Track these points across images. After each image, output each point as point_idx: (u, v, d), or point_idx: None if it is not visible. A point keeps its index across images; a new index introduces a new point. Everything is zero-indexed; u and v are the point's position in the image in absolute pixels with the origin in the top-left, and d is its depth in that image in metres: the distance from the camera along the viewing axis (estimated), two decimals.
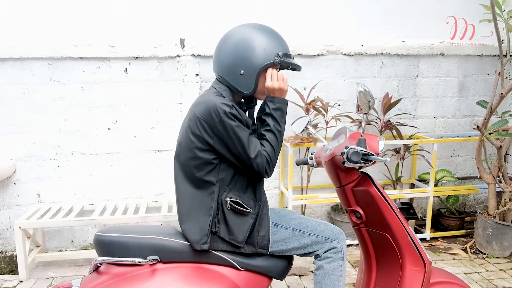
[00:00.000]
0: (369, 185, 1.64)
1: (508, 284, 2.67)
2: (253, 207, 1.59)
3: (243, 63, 1.55)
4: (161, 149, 3.16)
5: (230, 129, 1.50)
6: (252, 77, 1.56)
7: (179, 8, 3.06)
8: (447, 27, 3.44)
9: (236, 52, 1.55)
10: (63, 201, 3.09)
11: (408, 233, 1.63)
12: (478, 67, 3.56)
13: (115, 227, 1.65)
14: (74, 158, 3.06)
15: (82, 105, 3.01)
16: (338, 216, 3.27)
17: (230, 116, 1.50)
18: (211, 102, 1.52)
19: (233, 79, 1.57)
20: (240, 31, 1.59)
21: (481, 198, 3.78)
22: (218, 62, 1.61)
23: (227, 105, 1.51)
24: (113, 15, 2.98)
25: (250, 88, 1.58)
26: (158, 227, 1.69)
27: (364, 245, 1.74)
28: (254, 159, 1.52)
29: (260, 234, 1.60)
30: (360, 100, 1.54)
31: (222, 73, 1.59)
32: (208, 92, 1.62)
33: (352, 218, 1.72)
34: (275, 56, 1.56)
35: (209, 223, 1.56)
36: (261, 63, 1.55)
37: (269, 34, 1.59)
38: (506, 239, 3.01)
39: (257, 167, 1.53)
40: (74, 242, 3.17)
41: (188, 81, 3.09)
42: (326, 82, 3.31)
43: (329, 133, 3.28)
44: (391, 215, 1.62)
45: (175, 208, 2.94)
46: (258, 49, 1.54)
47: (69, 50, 2.91)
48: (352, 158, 1.51)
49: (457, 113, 3.62)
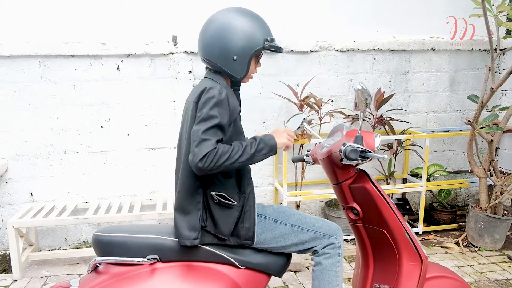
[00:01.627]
0: (366, 182, 1.64)
1: (500, 277, 2.71)
2: (237, 200, 1.59)
3: (236, 48, 1.56)
4: (155, 146, 3.15)
5: (207, 103, 1.49)
6: (244, 62, 1.58)
7: (171, 4, 3.05)
8: (438, 22, 3.47)
9: (228, 37, 1.56)
10: (56, 199, 3.07)
11: (404, 228, 1.64)
12: (468, 62, 3.60)
13: (113, 226, 1.64)
14: (67, 157, 3.04)
15: (74, 103, 2.99)
16: (332, 211, 3.29)
17: (214, 95, 1.50)
18: (203, 86, 1.54)
19: (225, 64, 1.57)
20: (227, 16, 1.59)
21: (473, 191, 3.83)
22: (206, 46, 1.60)
23: (218, 88, 1.52)
24: (105, 12, 2.96)
25: (243, 72, 1.60)
26: (156, 226, 1.66)
27: (361, 241, 1.74)
28: (200, 142, 1.44)
29: (245, 226, 1.60)
30: (358, 97, 1.54)
31: (212, 58, 1.59)
32: (202, 82, 1.64)
33: (349, 215, 1.72)
34: (264, 41, 1.60)
35: (199, 218, 1.56)
36: (252, 48, 1.58)
37: (256, 19, 1.62)
38: (497, 232, 3.06)
39: (194, 152, 1.44)
40: (68, 240, 3.16)
41: (181, 78, 3.08)
42: (319, 78, 3.32)
43: (323, 129, 3.29)
44: (388, 211, 1.63)
45: (169, 206, 2.94)
46: (249, 35, 1.57)
47: (60, 48, 2.88)
48: (350, 155, 1.51)
49: (448, 107, 3.65)
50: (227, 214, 1.58)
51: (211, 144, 1.44)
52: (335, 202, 3.39)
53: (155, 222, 3.15)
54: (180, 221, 1.57)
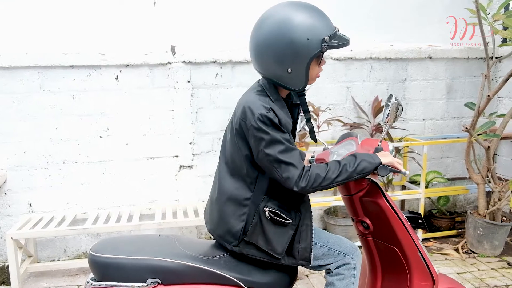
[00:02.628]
0: (379, 197, 1.55)
1: (499, 283, 2.71)
2: (293, 218, 1.50)
3: (288, 61, 1.39)
4: (154, 156, 3.15)
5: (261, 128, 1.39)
6: (301, 72, 1.41)
7: (170, 15, 3.07)
8: (434, 31, 3.50)
9: (277, 50, 1.38)
10: (55, 210, 3.07)
11: (418, 248, 1.57)
12: (465, 70, 3.63)
13: (110, 243, 1.55)
14: (65, 167, 3.04)
15: (73, 113, 3.00)
16: (332, 219, 3.29)
17: (265, 120, 1.39)
18: (249, 101, 1.44)
19: (281, 79, 1.43)
20: (276, 18, 1.40)
21: (471, 198, 3.84)
22: (255, 59, 1.47)
23: (264, 107, 1.40)
24: (103, 22, 2.98)
25: (302, 84, 1.44)
26: (157, 245, 1.58)
27: (370, 255, 1.67)
28: (287, 165, 1.39)
29: (301, 246, 1.51)
30: (392, 111, 1.45)
31: (265, 73, 1.47)
32: (252, 87, 1.54)
33: (358, 227, 1.65)
34: (322, 42, 1.39)
35: (240, 229, 1.49)
36: (307, 56, 1.38)
37: (309, 17, 1.40)
38: (496, 238, 3.06)
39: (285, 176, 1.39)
40: (67, 251, 3.15)
41: (179, 88, 3.10)
42: (317, 86, 3.34)
43: (321, 137, 3.29)
44: (402, 229, 1.55)
45: (168, 215, 2.94)
46: (302, 42, 1.36)
47: (59, 59, 2.89)
48: (380, 172, 1.42)
49: (445, 115, 3.67)
50: (281, 231, 1.49)
51: (295, 168, 1.39)
52: (334, 210, 3.40)
53: (154, 231, 3.15)
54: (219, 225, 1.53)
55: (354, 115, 3.45)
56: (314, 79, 1.50)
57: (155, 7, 3.05)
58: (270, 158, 1.39)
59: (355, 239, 3.27)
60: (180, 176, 3.20)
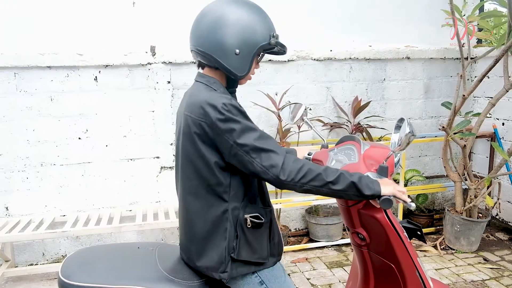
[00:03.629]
0: (379, 211, 1.43)
1: (476, 278, 2.78)
2: (265, 215, 1.41)
3: (239, 41, 1.34)
4: (134, 157, 3.13)
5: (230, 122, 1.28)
6: (247, 57, 1.36)
7: (149, 15, 3.05)
8: (412, 31, 3.57)
9: (230, 28, 1.34)
10: (33, 213, 3.01)
11: (416, 267, 1.47)
12: (441, 70, 3.71)
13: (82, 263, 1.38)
14: (43, 169, 2.99)
15: (51, 114, 2.95)
16: (313, 218, 3.32)
17: (230, 109, 1.29)
18: (203, 99, 1.31)
19: (226, 58, 1.35)
20: (228, 4, 1.38)
21: (449, 195, 3.92)
22: (201, 37, 1.37)
23: (225, 97, 1.31)
24: (81, 23, 2.94)
25: (245, 69, 1.38)
26: (135, 265, 1.41)
27: (364, 266, 1.58)
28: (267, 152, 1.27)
29: (275, 241, 1.45)
30: (405, 140, 1.31)
31: (209, 51, 1.35)
32: (195, 89, 1.41)
33: (354, 238, 1.54)
34: (270, 36, 1.39)
35: (225, 247, 1.35)
36: (258, 43, 1.37)
37: (261, 13, 1.41)
38: (473, 235, 3.14)
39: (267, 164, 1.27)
40: (46, 255, 3.09)
41: (159, 89, 3.08)
42: (297, 87, 3.36)
43: (301, 137, 3.33)
44: (400, 247, 1.44)
45: (149, 217, 2.92)
46: (255, 27, 1.36)
47: (36, 59, 2.84)
48: (383, 205, 1.27)
49: (423, 114, 3.75)
50: (260, 234, 1.40)
51: (278, 155, 1.27)
52: (315, 209, 3.43)
53: (135, 233, 3.13)
54: (205, 253, 1.37)
55: (334, 115, 3.49)
56: (248, 78, 1.45)
57: (134, 7, 3.02)
58: (246, 149, 1.27)
59: (336, 238, 3.31)
60: (161, 177, 3.19)
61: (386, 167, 1.33)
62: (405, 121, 1.31)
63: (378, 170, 1.34)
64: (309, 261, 3.06)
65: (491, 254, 3.13)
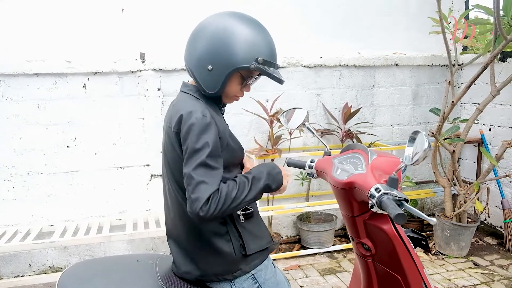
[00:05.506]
0: (386, 222, 1.39)
1: (467, 283, 2.80)
2: (250, 205, 1.41)
3: (214, 57, 1.29)
4: (124, 165, 3.08)
5: (190, 133, 1.25)
6: (220, 76, 1.30)
7: (139, 22, 3.03)
8: (400, 39, 3.61)
9: (210, 43, 1.30)
10: (19, 223, 2.94)
11: (422, 278, 1.44)
12: (429, 76, 3.75)
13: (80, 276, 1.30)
14: (30, 178, 2.92)
15: (38, 122, 2.89)
16: (305, 225, 3.31)
17: (195, 121, 1.26)
18: (180, 110, 1.30)
19: (199, 73, 1.33)
20: (221, 19, 1.33)
21: (438, 201, 3.96)
22: (188, 50, 1.37)
23: (200, 110, 1.28)
24: (70, 29, 2.91)
25: (215, 88, 1.32)
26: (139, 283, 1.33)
27: (367, 276, 1.54)
28: (195, 187, 1.19)
29: (265, 226, 1.49)
30: (422, 155, 1.24)
31: (190, 65, 1.36)
32: (177, 100, 1.40)
33: (358, 248, 1.50)
34: (254, 60, 1.29)
35: (233, 249, 1.35)
36: (234, 64, 1.29)
37: (255, 32, 1.32)
38: (463, 240, 3.16)
39: (191, 200, 1.19)
40: (32, 266, 3.02)
41: (149, 96, 3.05)
42: (288, 93, 3.37)
43: (293, 144, 3.33)
44: (407, 258, 1.41)
45: (140, 226, 2.87)
46: (235, 47, 1.28)
47: (22, 66, 2.79)
48: (397, 220, 1.15)
49: (412, 120, 3.78)
50: (257, 222, 1.44)
51: (209, 186, 1.19)
52: (307, 216, 3.42)
53: (126, 243, 3.09)
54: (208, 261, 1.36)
55: (324, 121, 3.50)
56: (231, 98, 1.41)
57: (123, 14, 3.00)
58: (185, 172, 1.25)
59: (328, 245, 3.31)
60: (152, 185, 3.15)
61: (396, 179, 1.26)
62: (422, 135, 1.24)
63: (389, 182, 1.27)
64: (302, 269, 3.04)
65: (481, 258, 3.16)
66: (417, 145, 1.26)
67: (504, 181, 3.40)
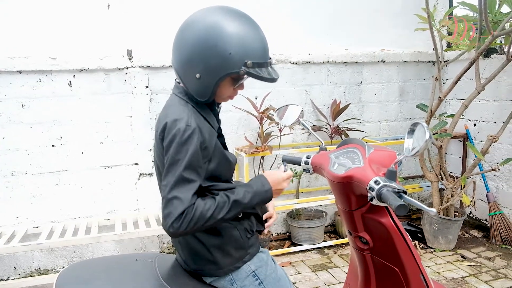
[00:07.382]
0: (384, 215, 1.39)
1: (456, 275, 2.85)
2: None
3: (201, 66, 1.22)
4: (111, 164, 3.02)
5: (172, 143, 1.22)
6: (209, 84, 1.25)
7: (125, 18, 2.97)
8: (387, 36, 3.65)
9: (195, 47, 1.22)
10: (4, 225, 2.85)
11: (420, 270, 1.44)
12: (415, 73, 3.80)
13: (78, 278, 1.26)
14: (14, 179, 2.84)
15: (22, 121, 2.81)
16: (295, 222, 3.31)
17: (177, 133, 1.21)
18: (166, 117, 1.26)
19: (187, 81, 1.28)
20: (207, 19, 1.23)
21: (424, 195, 4.01)
22: (174, 55, 1.30)
23: (185, 119, 1.23)
24: (54, 25, 2.83)
25: (206, 96, 1.28)
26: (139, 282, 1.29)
27: (365, 269, 1.53)
28: (167, 202, 1.16)
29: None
30: (423, 147, 1.21)
31: (178, 71, 1.30)
32: (168, 102, 1.36)
33: (356, 242, 1.49)
34: (243, 64, 1.21)
35: (239, 234, 1.38)
36: (222, 71, 1.22)
37: (243, 32, 1.22)
38: (450, 233, 3.22)
39: (164, 215, 1.16)
40: (17, 269, 2.93)
41: (137, 94, 3.00)
42: (277, 90, 3.36)
43: (283, 141, 3.32)
44: (406, 250, 1.41)
45: (129, 226, 2.82)
46: (223, 52, 1.19)
47: (5, 63, 2.70)
48: (398, 211, 1.15)
49: (399, 116, 3.82)
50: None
51: (181, 202, 1.15)
52: (297, 213, 3.42)
53: (115, 243, 3.03)
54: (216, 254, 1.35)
55: (313, 118, 3.51)
56: (225, 99, 1.36)
57: (109, 10, 2.94)
58: (164, 184, 1.22)
59: (318, 241, 3.32)
60: (140, 184, 3.10)
61: (395, 172, 1.25)
62: (422, 126, 1.22)
63: (387, 174, 1.27)
64: (293, 265, 3.04)
65: (468, 251, 3.22)
66: (417, 136, 1.24)
67: (489, 175, 3.46)
